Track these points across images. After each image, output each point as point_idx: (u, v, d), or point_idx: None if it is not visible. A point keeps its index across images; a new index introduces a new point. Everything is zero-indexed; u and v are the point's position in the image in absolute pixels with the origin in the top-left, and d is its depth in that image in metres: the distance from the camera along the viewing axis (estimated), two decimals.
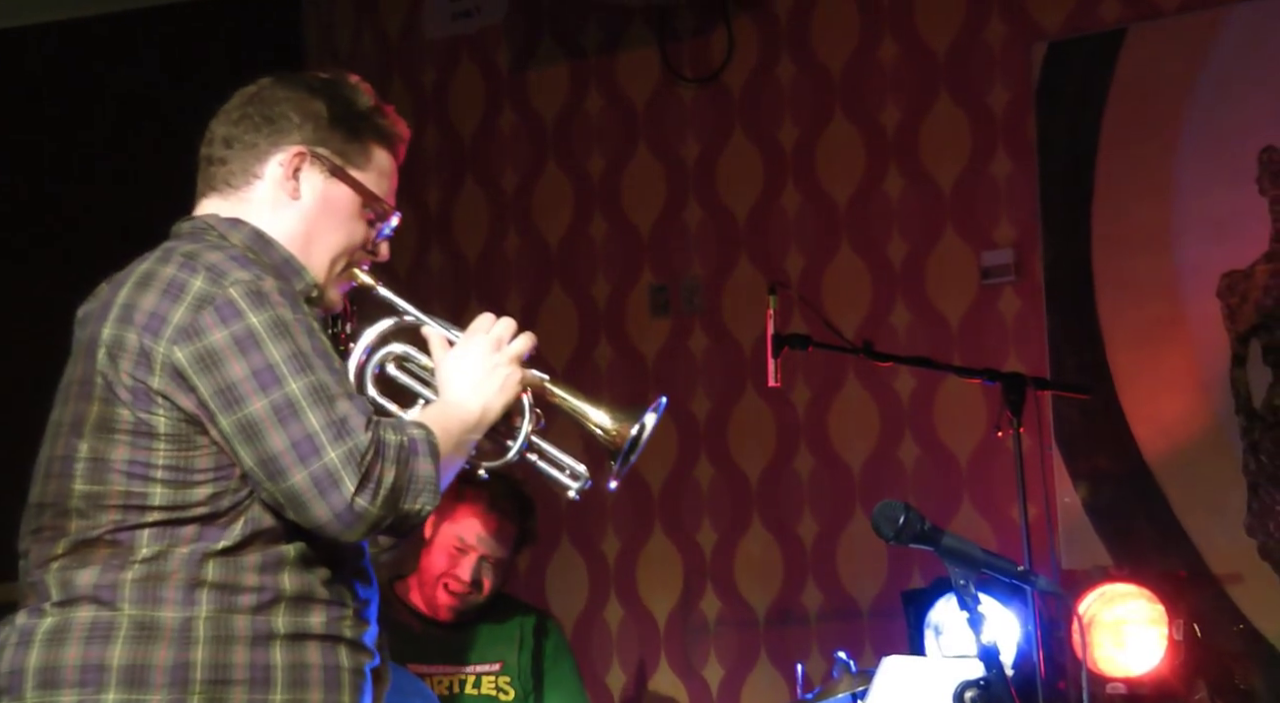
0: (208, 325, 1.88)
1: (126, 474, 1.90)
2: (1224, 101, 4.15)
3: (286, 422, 1.85)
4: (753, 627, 4.48)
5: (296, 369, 1.87)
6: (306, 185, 2.02)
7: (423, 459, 1.90)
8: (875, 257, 4.46)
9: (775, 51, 4.61)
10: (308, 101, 2.04)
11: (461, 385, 2.01)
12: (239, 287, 1.90)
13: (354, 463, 1.85)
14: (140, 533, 1.90)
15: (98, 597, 1.89)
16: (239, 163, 2.03)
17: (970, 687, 2.12)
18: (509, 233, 4.89)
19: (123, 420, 1.90)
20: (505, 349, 2.05)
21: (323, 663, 1.93)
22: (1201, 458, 4.10)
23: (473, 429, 2.00)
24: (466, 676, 3.52)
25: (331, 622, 1.94)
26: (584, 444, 2.16)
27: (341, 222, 2.04)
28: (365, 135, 2.06)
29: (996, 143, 4.37)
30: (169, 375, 1.88)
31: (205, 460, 1.90)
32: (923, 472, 4.33)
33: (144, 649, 1.87)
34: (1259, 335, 4.11)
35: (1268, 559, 4.02)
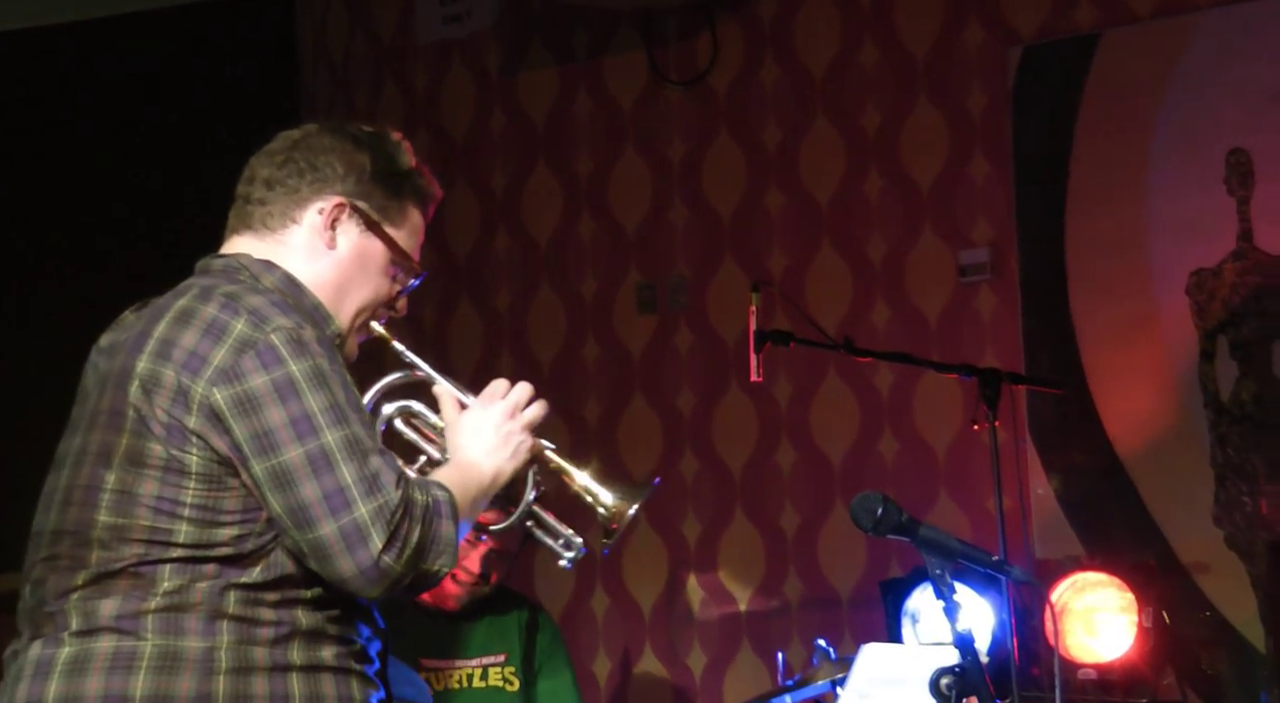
0: (249, 370, 1.86)
1: (154, 510, 1.87)
2: (1194, 105, 4.16)
3: (320, 473, 1.84)
4: (735, 616, 4.49)
5: (333, 420, 1.85)
6: (343, 237, 2.01)
7: (445, 521, 1.90)
8: (856, 255, 4.47)
9: (759, 55, 4.62)
10: (353, 154, 2.03)
11: (477, 449, 2.00)
12: (280, 333, 1.88)
13: (383, 520, 1.83)
14: (163, 567, 1.87)
15: (120, 627, 1.87)
16: (279, 206, 2.01)
17: (946, 674, 2.13)
18: (499, 232, 4.89)
19: (154, 455, 1.88)
20: (519, 416, 2.05)
21: (337, 694, 1.92)
22: (1171, 451, 4.11)
23: (485, 493, 2.00)
24: (474, 668, 3.53)
25: (341, 656, 1.94)
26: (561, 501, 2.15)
27: (371, 275, 2.03)
28: (404, 194, 2.06)
29: (974, 145, 4.38)
30: (205, 416, 1.86)
31: (234, 502, 1.88)
32: (901, 464, 4.35)
33: (167, 680, 1.85)
34: (1226, 332, 4.13)
35: (1234, 549, 4.04)
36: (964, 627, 2.16)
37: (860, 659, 2.53)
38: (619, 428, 4.70)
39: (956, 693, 2.14)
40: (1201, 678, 3.96)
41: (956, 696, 2.14)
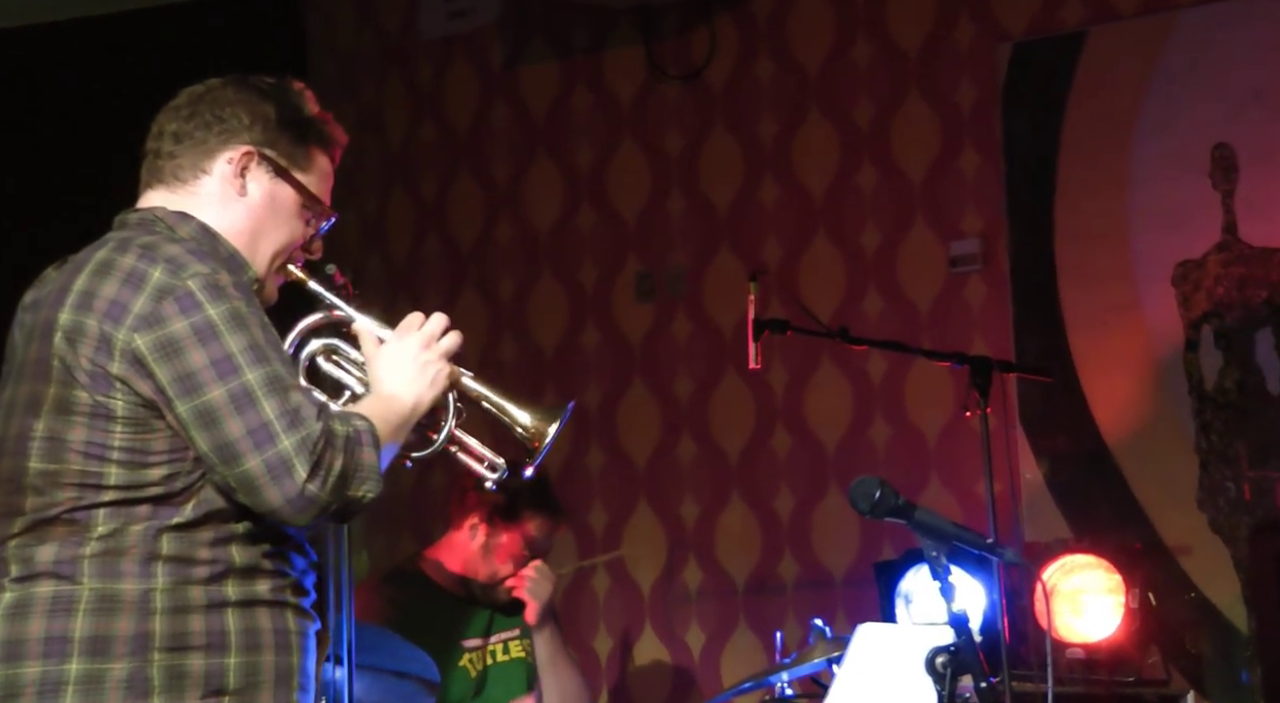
0: (168, 315, 1.88)
1: (84, 454, 1.90)
2: (1179, 100, 4.16)
3: (243, 410, 1.86)
4: (732, 596, 4.49)
5: (253, 360, 1.88)
6: (253, 184, 2.03)
7: (367, 449, 1.91)
8: (849, 246, 4.47)
9: (754, 51, 4.61)
10: (258, 104, 2.04)
11: (396, 380, 2.01)
12: (197, 279, 1.90)
13: (306, 451, 1.85)
14: (96, 512, 1.90)
15: (58, 572, 1.89)
16: (189, 158, 2.03)
17: (941, 652, 2.13)
18: (501, 222, 4.89)
19: (81, 403, 1.90)
20: (436, 346, 2.05)
21: (273, 627, 1.94)
22: (1156, 437, 4.11)
23: (406, 422, 2.01)
24: (497, 644, 3.59)
25: (277, 589, 1.96)
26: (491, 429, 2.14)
27: (284, 220, 2.05)
28: (309, 140, 2.07)
29: (964, 139, 4.37)
30: (128, 362, 1.88)
31: (161, 443, 1.90)
32: (893, 450, 4.34)
33: (105, 621, 1.87)
34: (1210, 321, 4.13)
35: (1217, 532, 4.04)
36: (958, 607, 2.16)
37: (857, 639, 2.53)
38: (618, 413, 4.69)
39: (951, 672, 2.14)
40: (1185, 658, 3.96)
41: (951, 674, 2.14)
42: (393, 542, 4.92)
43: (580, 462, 4.70)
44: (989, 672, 2.17)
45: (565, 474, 4.71)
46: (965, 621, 2.15)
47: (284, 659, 1.95)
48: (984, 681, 2.14)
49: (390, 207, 5.02)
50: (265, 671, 1.93)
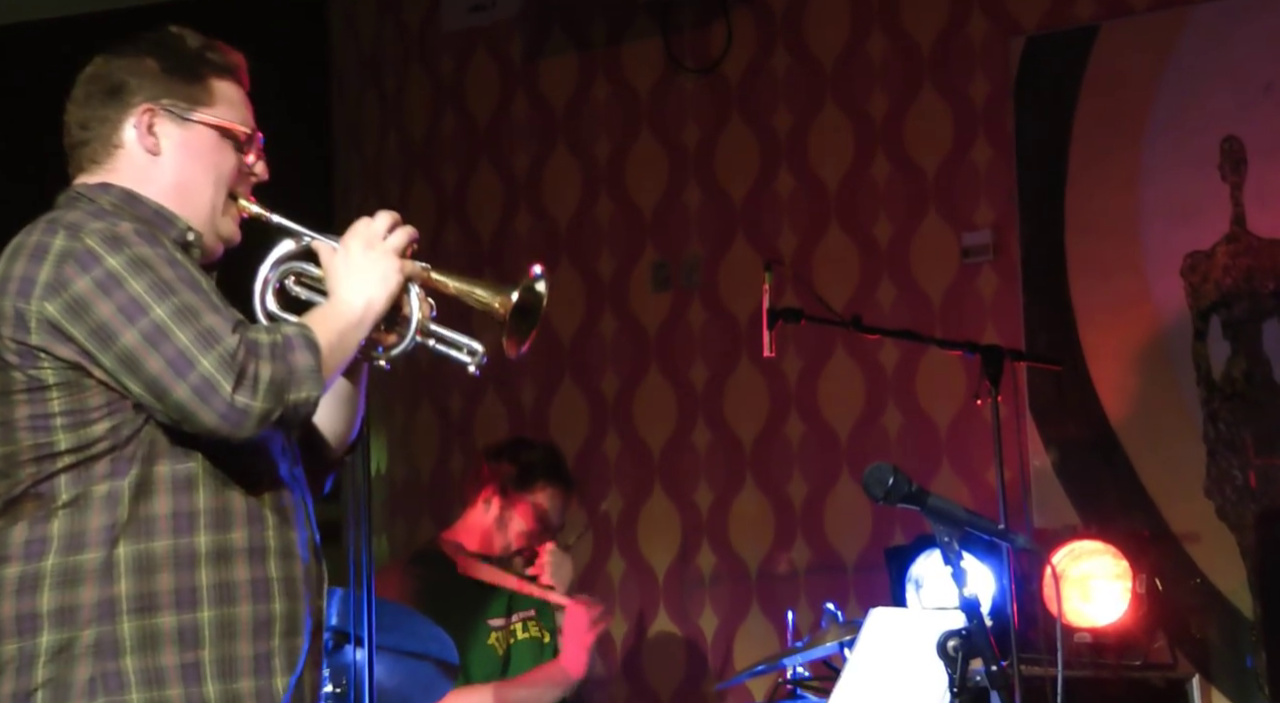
0: (70, 276, 1.87)
1: (31, 429, 1.90)
2: (1189, 94, 4.15)
3: (159, 344, 1.85)
4: (745, 580, 4.49)
5: (159, 296, 1.87)
6: (165, 139, 2.00)
7: (299, 352, 1.88)
8: (863, 237, 4.46)
9: (771, 44, 4.60)
10: (139, 62, 2.02)
11: (343, 284, 1.98)
12: (94, 235, 1.89)
13: (226, 366, 1.84)
14: (57, 480, 1.90)
15: (26, 554, 1.90)
16: (98, 139, 2.01)
17: (953, 636, 2.12)
18: (520, 212, 4.89)
19: (17, 382, 1.90)
20: (381, 244, 2.00)
21: (250, 577, 1.92)
22: (1164, 426, 4.11)
23: (358, 324, 1.97)
24: (516, 624, 3.60)
25: (254, 535, 1.93)
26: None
27: (208, 160, 2.01)
28: (202, 73, 2.03)
29: (977, 131, 4.37)
30: (44, 330, 1.88)
31: (97, 398, 1.89)
32: (905, 437, 4.34)
33: (69, 593, 1.88)
34: (1219, 312, 4.12)
35: (1224, 520, 4.04)
36: (970, 592, 2.15)
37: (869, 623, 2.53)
38: (635, 401, 4.70)
39: (963, 655, 2.13)
40: (1191, 643, 3.96)
41: (963, 658, 2.13)
42: (412, 525, 4.93)
43: (597, 448, 4.71)
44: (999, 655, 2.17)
45: (582, 460, 4.71)
46: (976, 605, 2.15)
47: (263, 608, 1.92)
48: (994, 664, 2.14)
49: (411, 197, 5.02)
50: (241, 622, 1.90)
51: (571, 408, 4.72)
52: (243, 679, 1.90)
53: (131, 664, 1.87)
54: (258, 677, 1.91)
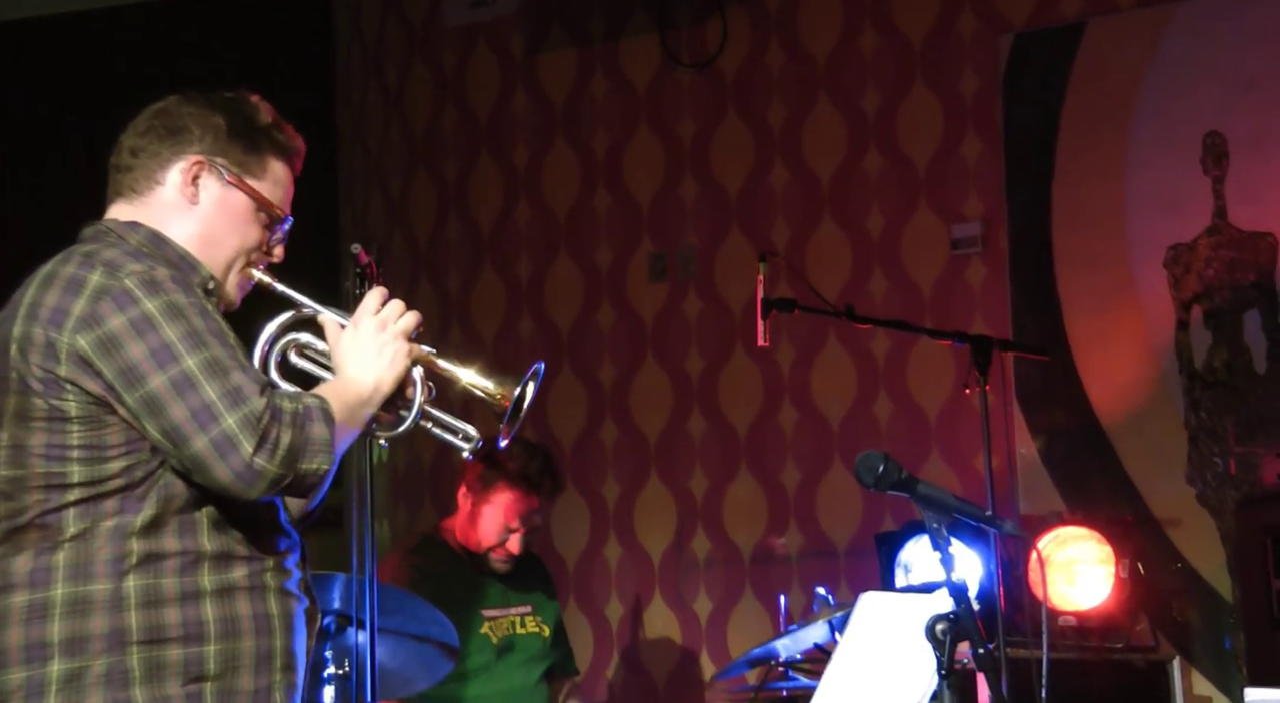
0: (106, 314, 1.88)
1: (45, 457, 1.90)
2: (1172, 90, 4.14)
3: (185, 394, 1.86)
4: (739, 565, 4.50)
5: (191, 347, 1.88)
6: (204, 192, 2.03)
7: (317, 424, 1.90)
8: (855, 229, 4.46)
9: (765, 40, 4.60)
10: (209, 116, 2.04)
11: (354, 363, 2.00)
12: (133, 278, 1.90)
13: (250, 426, 1.85)
14: (65, 513, 1.90)
15: (32, 582, 1.90)
16: (143, 171, 2.03)
17: (941, 620, 2.11)
18: (520, 204, 4.88)
19: (38, 409, 1.90)
20: (392, 327, 2.02)
21: (252, 613, 1.93)
22: (1147, 414, 4.11)
23: (367, 401, 1.99)
24: (514, 617, 3.60)
25: (254, 574, 1.95)
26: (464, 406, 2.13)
27: (237, 225, 2.04)
28: (262, 148, 2.06)
29: (966, 126, 4.36)
30: (74, 363, 1.89)
31: (116, 436, 1.90)
32: (896, 425, 4.35)
33: (80, 622, 1.88)
34: (1201, 303, 4.12)
35: (1205, 505, 4.04)
36: (958, 576, 2.15)
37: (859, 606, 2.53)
38: (631, 389, 4.70)
39: (950, 638, 2.13)
40: (1172, 625, 3.97)
41: (950, 641, 2.13)
42: (413, 512, 4.94)
43: (595, 436, 4.71)
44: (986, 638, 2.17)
45: (579, 448, 4.72)
46: (964, 589, 2.15)
47: (265, 642, 1.94)
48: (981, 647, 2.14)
49: (414, 189, 5.02)
50: (245, 655, 1.92)
51: (569, 396, 4.73)
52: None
53: (141, 695, 1.87)
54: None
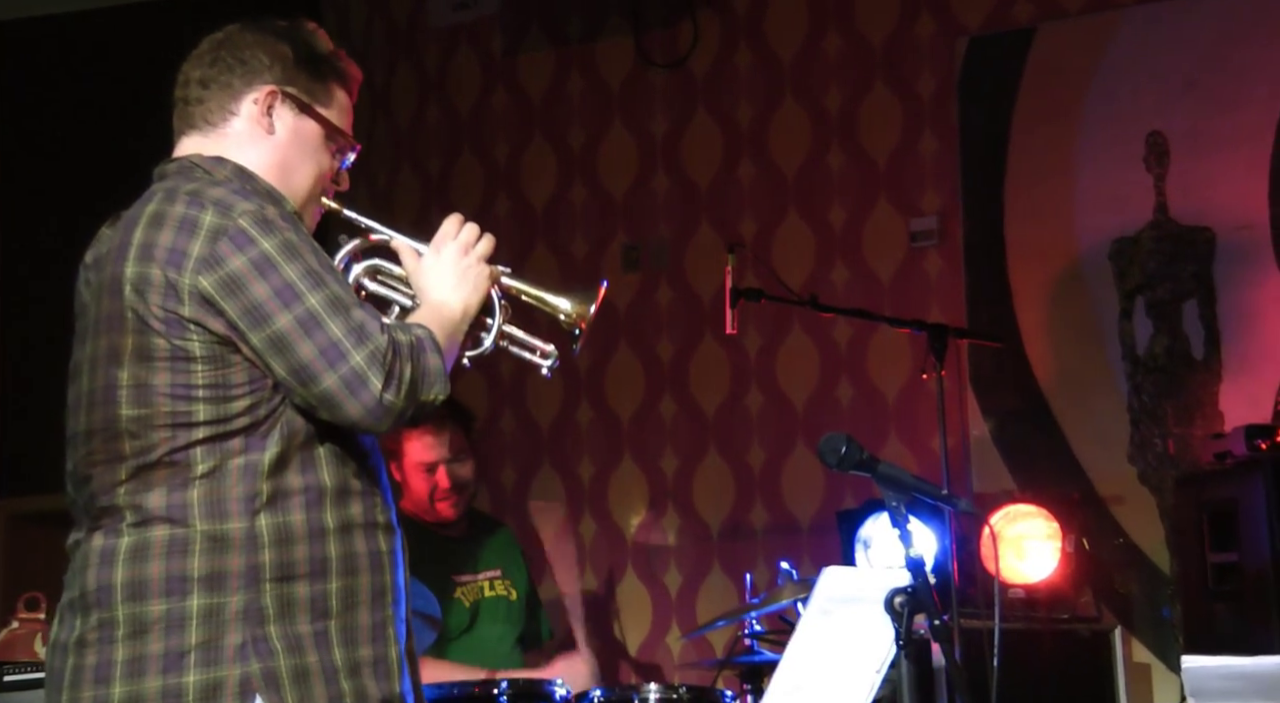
0: (225, 254, 1.82)
1: (171, 396, 1.84)
2: (1117, 92, 4.15)
3: (311, 332, 1.81)
4: (707, 541, 4.49)
5: (312, 284, 1.82)
6: (279, 122, 1.96)
7: (431, 355, 1.86)
8: (818, 222, 4.46)
9: (734, 42, 4.58)
10: (275, 45, 1.97)
11: (442, 288, 1.96)
12: (247, 217, 1.84)
13: (378, 363, 1.81)
14: (193, 451, 1.84)
15: (170, 517, 1.84)
16: (216, 102, 1.96)
17: (899, 593, 2.12)
18: (500, 197, 4.86)
19: (160, 349, 1.84)
20: (473, 251, 1.99)
21: (368, 550, 1.89)
22: (1092, 398, 4.13)
23: (460, 324, 1.96)
24: (485, 581, 3.55)
25: (367, 510, 1.90)
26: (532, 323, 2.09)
27: (311, 153, 1.98)
28: (327, 76, 2.00)
29: (924, 125, 4.36)
30: (197, 303, 1.83)
31: (240, 375, 1.84)
32: (856, 408, 4.35)
33: (220, 559, 1.83)
34: (1143, 293, 4.14)
35: (1146, 484, 4.06)
36: (915, 552, 2.15)
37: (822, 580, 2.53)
38: (606, 374, 4.69)
39: (908, 611, 2.13)
40: (1115, 597, 3.99)
41: (908, 613, 2.13)
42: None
43: (570, 418, 4.70)
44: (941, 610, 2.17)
45: (556, 429, 4.70)
46: (921, 564, 2.14)
47: (378, 579, 1.89)
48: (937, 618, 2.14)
49: (398, 182, 4.99)
50: (362, 591, 1.87)
51: (546, 381, 4.68)
52: (363, 648, 1.87)
53: (275, 631, 1.83)
54: (375, 645, 1.88)
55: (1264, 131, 3.98)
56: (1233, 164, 4.03)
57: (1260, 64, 4.00)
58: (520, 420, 4.72)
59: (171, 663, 1.81)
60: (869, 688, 2.34)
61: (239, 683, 1.81)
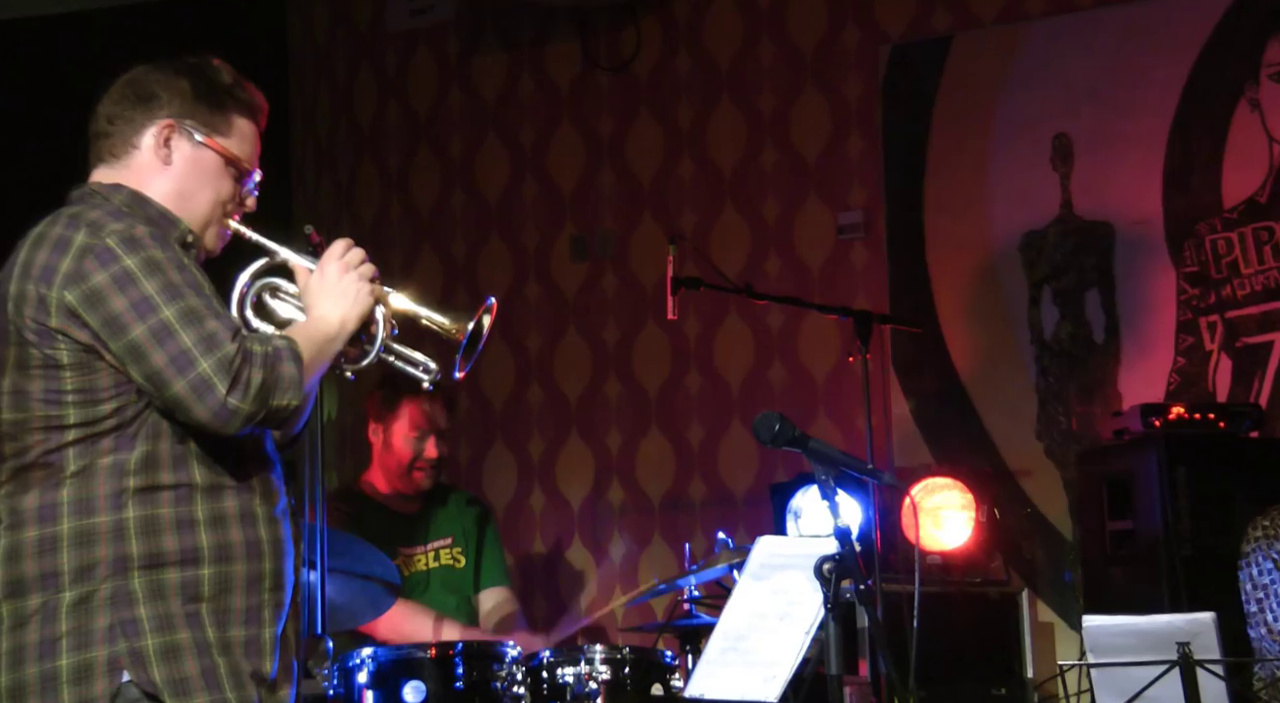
0: (90, 270, 1.85)
1: (44, 401, 1.86)
2: (1026, 96, 4.18)
3: (164, 342, 1.83)
4: (649, 512, 4.48)
5: (169, 298, 1.84)
6: (177, 152, 1.97)
7: (287, 364, 1.86)
8: (753, 216, 4.45)
9: (675, 48, 4.56)
10: (175, 81, 1.99)
11: (322, 303, 1.96)
12: (114, 236, 1.86)
13: (224, 370, 1.82)
14: (66, 453, 1.86)
15: (41, 518, 1.86)
16: (120, 136, 1.98)
17: (828, 560, 2.13)
18: (456, 191, 4.81)
19: (34, 358, 1.86)
20: (354, 271, 1.98)
21: (244, 539, 1.89)
22: (1003, 379, 4.16)
23: (334, 338, 1.95)
24: (430, 551, 3.50)
25: (244, 503, 1.90)
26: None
27: (210, 180, 1.98)
28: (227, 107, 2.00)
29: (850, 126, 4.36)
30: (64, 315, 1.85)
31: (106, 380, 1.86)
32: (788, 389, 4.35)
33: (88, 552, 1.85)
34: (1050, 283, 4.17)
35: (1051, 458, 4.10)
36: (843, 522, 2.16)
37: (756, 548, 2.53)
38: (555, 357, 4.66)
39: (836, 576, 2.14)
40: (1022, 561, 4.02)
41: (835, 578, 2.14)
42: (359, 464, 4.86)
43: (522, 398, 4.67)
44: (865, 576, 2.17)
45: (508, 408, 4.67)
46: (848, 533, 2.15)
47: (255, 566, 1.90)
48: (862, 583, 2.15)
49: (360, 177, 4.93)
50: (237, 577, 1.89)
51: (500, 365, 4.67)
52: (234, 629, 1.88)
53: (146, 613, 1.84)
54: (248, 626, 1.89)
55: (1159, 135, 4.02)
56: (1131, 164, 4.06)
57: (1155, 73, 4.04)
58: (475, 400, 4.69)
59: (46, 650, 1.83)
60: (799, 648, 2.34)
61: (107, 663, 1.82)
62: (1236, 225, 3.97)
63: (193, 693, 1.83)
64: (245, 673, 1.86)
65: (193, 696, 1.82)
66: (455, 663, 2.84)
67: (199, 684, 1.83)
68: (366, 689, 2.81)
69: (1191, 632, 2.54)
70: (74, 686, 1.82)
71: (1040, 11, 4.17)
